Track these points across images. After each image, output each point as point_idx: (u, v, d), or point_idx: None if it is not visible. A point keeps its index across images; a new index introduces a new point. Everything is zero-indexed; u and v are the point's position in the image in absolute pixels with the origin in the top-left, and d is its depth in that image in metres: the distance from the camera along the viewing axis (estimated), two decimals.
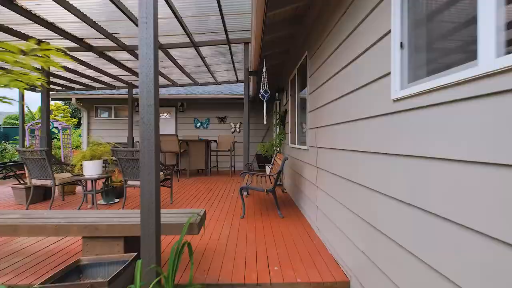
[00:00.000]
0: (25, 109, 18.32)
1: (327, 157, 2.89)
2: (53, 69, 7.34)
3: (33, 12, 4.25)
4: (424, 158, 1.25)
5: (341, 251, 2.44)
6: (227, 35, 5.24)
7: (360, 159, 2.03)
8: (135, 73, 7.92)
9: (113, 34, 5.13)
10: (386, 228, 1.59)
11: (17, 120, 17.63)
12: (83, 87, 9.68)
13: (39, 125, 10.63)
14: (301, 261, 2.58)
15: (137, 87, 9.66)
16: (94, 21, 4.53)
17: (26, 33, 5.04)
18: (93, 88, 9.86)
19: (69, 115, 21.07)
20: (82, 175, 4.62)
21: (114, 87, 9.82)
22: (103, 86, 9.65)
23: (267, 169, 5.95)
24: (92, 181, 4.55)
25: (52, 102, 20.32)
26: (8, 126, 17.83)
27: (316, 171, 3.30)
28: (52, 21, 4.59)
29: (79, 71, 7.64)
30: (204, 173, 8.59)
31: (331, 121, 2.71)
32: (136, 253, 1.98)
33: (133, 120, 10.33)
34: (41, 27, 4.59)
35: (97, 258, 1.99)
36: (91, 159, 4.63)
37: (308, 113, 3.73)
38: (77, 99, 10.08)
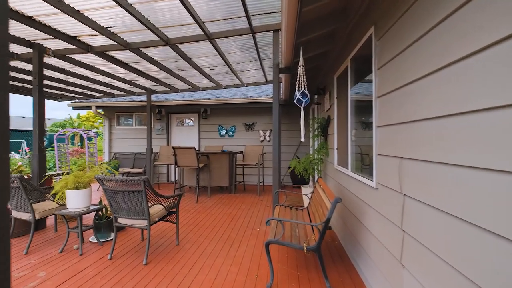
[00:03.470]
0: (67, 116, 18.57)
1: (440, 228, 1.42)
2: (63, 76, 6.64)
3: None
4: None
5: None
6: (249, 21, 3.95)
7: None
8: (150, 77, 6.97)
9: (108, 28, 4.10)
10: None
11: (60, 127, 17.88)
12: (102, 94, 9.04)
13: (67, 134, 10.25)
14: None
15: (156, 92, 8.78)
16: (78, 10, 3.51)
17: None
18: (113, 95, 9.19)
19: None
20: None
21: (133, 93, 9.04)
22: (122, 92, 8.93)
23: (305, 199, 4.46)
24: (78, 217, 3.52)
25: (84, 112, 20.50)
26: (51, 133, 18.28)
27: (401, 237, 1.83)
28: (30, 14, 3.66)
29: (91, 77, 6.86)
30: (228, 190, 7.36)
31: (461, 157, 1.25)
32: None
33: (154, 128, 9.53)
34: (24, 24, 3.68)
35: None
36: (76, 188, 3.60)
37: (377, 128, 2.26)
38: (97, 107, 9.48)
